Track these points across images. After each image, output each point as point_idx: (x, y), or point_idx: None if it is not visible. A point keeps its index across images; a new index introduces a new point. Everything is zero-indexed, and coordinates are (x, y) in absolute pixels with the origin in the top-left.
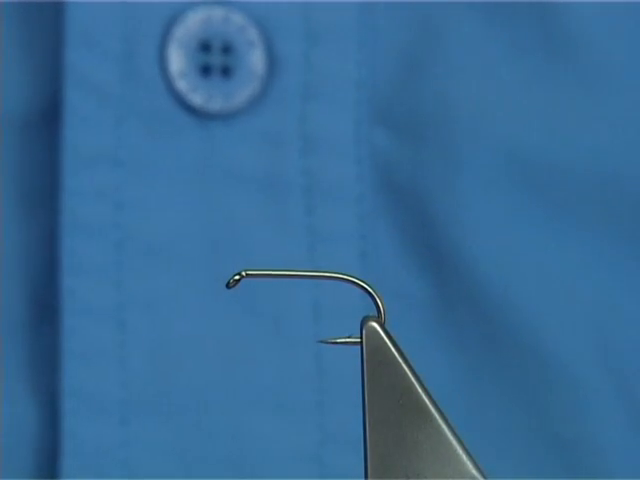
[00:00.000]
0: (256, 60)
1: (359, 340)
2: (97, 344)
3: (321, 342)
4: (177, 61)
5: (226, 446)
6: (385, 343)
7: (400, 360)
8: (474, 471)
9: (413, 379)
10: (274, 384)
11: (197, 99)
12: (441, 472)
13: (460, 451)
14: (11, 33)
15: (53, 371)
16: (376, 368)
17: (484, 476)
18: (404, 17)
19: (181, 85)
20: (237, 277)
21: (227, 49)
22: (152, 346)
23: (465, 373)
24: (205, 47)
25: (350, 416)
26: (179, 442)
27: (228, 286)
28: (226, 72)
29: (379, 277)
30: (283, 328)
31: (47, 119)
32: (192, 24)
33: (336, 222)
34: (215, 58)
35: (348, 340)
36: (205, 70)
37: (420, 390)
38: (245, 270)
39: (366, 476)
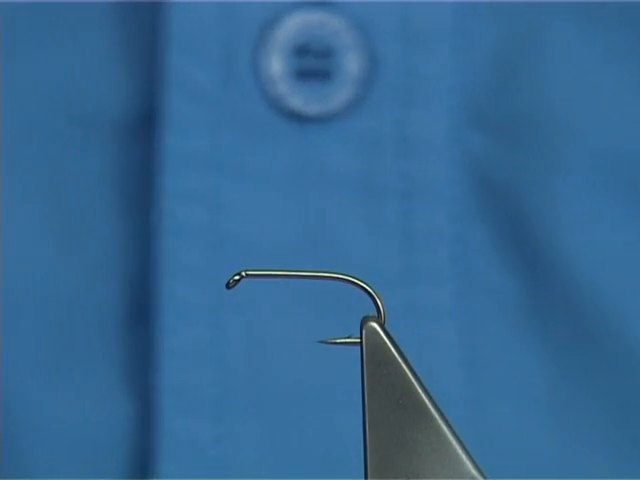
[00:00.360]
0: (354, 63)
1: (359, 340)
2: (193, 344)
3: (321, 342)
4: (275, 65)
5: (319, 445)
6: (385, 343)
7: (400, 360)
8: (474, 471)
9: (413, 379)
10: None
11: (294, 103)
12: (441, 472)
13: (460, 451)
14: (108, 34)
15: (147, 370)
16: (376, 368)
17: (484, 476)
18: (499, 20)
19: (278, 89)
20: (237, 277)
21: (325, 53)
22: (247, 346)
23: (557, 372)
24: (303, 51)
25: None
26: (273, 440)
27: (228, 286)
28: (324, 76)
29: (473, 279)
30: None
31: (144, 121)
32: (290, 28)
33: (431, 224)
34: (313, 62)
35: (348, 340)
36: (302, 74)
37: (420, 390)
38: (245, 270)
39: (366, 476)
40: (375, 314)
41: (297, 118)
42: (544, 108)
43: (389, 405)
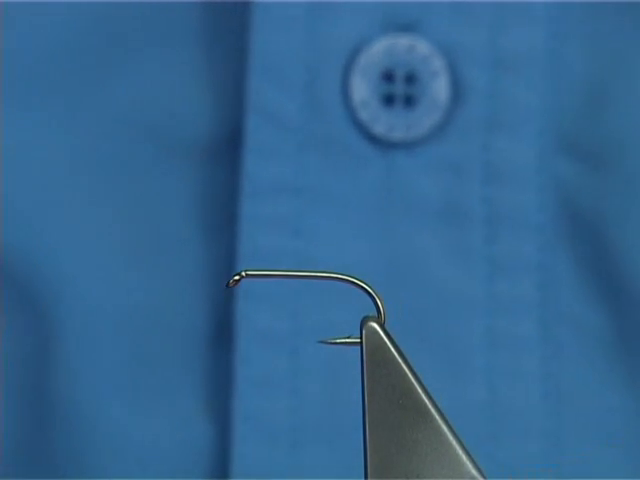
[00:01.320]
0: (440, 89)
1: (359, 340)
2: (270, 370)
3: (321, 342)
4: (360, 90)
5: None
6: (385, 343)
7: (400, 360)
8: (474, 471)
9: (413, 379)
10: (446, 413)
11: (379, 129)
12: (441, 472)
13: (460, 451)
14: (196, 60)
15: (227, 395)
16: (376, 368)
17: (484, 476)
18: (590, 44)
19: (363, 115)
20: (237, 277)
21: (411, 78)
22: (324, 373)
23: (638, 409)
24: (388, 76)
25: (523, 447)
26: (349, 469)
27: (228, 286)
28: (409, 101)
29: (557, 308)
30: (455, 356)
31: (230, 146)
32: (376, 53)
33: (516, 252)
34: (398, 87)
35: (348, 340)
36: (388, 99)
37: (420, 390)
38: (245, 270)
39: (366, 476)
40: (375, 314)
41: (382, 143)
42: (633, 135)
43: (389, 405)
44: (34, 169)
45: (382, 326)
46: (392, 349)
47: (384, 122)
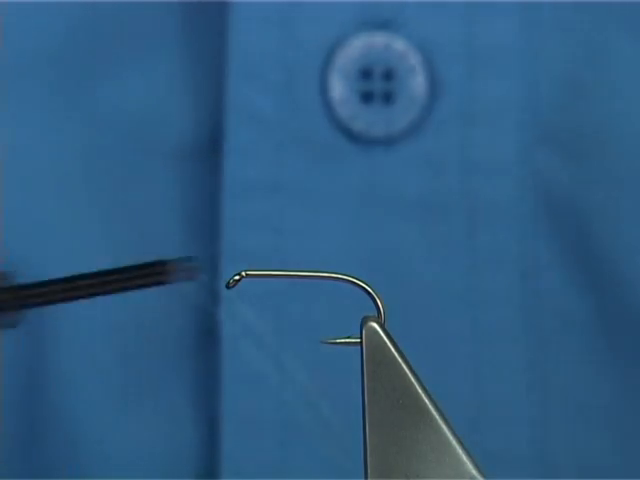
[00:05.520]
0: (417, 85)
1: (359, 340)
2: (256, 368)
3: (321, 342)
4: (338, 88)
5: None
6: (385, 343)
7: (400, 360)
8: (474, 471)
9: (413, 379)
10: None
11: (358, 126)
12: (441, 472)
13: (460, 451)
14: (176, 62)
15: (215, 394)
16: (376, 368)
17: (484, 476)
18: (566, 38)
19: (342, 112)
20: (237, 277)
21: (388, 75)
22: (309, 369)
23: (626, 393)
24: (366, 74)
25: (510, 435)
26: (337, 463)
27: (228, 286)
28: (387, 98)
29: (540, 297)
30: (440, 348)
31: (212, 147)
32: (353, 51)
33: (497, 244)
34: (376, 84)
35: (348, 340)
36: (366, 97)
37: (420, 390)
38: (245, 270)
39: (366, 476)
40: (375, 314)
41: (361, 140)
42: (611, 126)
43: (389, 405)
44: (25, 177)
45: (382, 326)
46: (392, 349)
47: (363, 119)
